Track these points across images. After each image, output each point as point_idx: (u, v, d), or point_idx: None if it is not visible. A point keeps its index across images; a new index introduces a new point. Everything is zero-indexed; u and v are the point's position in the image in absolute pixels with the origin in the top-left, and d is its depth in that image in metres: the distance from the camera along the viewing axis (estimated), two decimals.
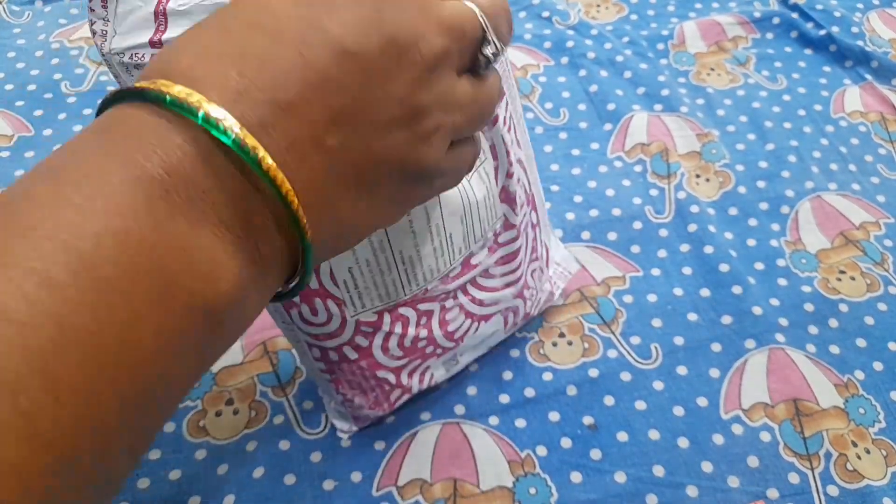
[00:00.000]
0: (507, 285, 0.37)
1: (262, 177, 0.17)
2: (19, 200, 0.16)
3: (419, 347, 0.35)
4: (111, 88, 0.54)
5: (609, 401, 0.40)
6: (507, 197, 0.34)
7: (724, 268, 0.45)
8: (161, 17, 0.25)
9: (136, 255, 0.15)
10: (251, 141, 0.17)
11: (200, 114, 0.16)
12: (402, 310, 0.33)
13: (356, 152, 0.19)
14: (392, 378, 0.36)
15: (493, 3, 0.22)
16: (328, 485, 0.36)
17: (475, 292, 0.36)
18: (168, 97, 0.16)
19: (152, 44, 0.26)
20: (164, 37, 0.25)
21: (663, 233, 0.48)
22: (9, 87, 0.55)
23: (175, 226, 0.16)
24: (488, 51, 0.22)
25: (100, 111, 0.18)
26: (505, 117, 0.32)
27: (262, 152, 0.17)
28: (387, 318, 0.33)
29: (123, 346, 0.15)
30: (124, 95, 0.17)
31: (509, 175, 0.33)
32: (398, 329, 0.34)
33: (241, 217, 0.17)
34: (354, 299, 0.31)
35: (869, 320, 0.43)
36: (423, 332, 0.35)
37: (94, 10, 0.26)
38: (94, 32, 0.26)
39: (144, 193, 0.16)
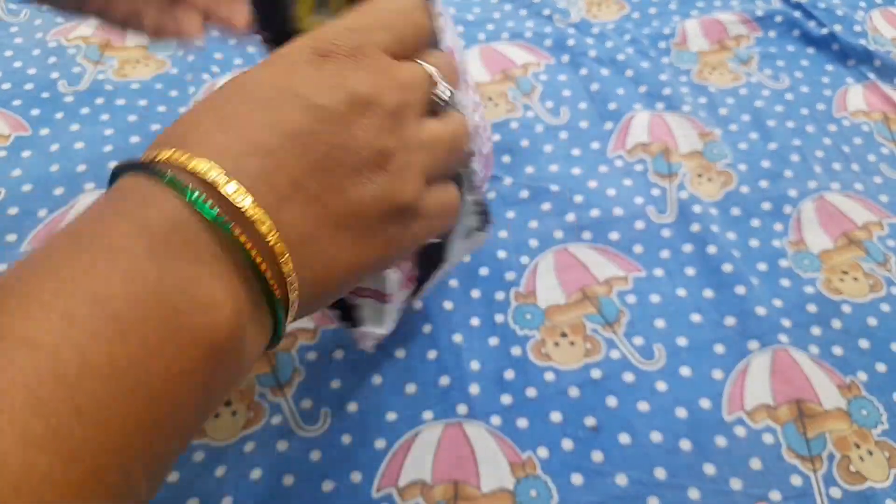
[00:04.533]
0: None
1: (245, 223, 0.20)
2: (48, 253, 0.19)
3: None
4: (114, 96, 0.54)
5: (611, 402, 0.39)
6: None
7: (727, 268, 0.45)
8: None
9: (141, 292, 0.18)
10: (237, 195, 0.20)
11: (188, 188, 0.19)
12: None
13: (333, 196, 0.22)
14: None
15: (438, 63, 0.26)
16: (327, 486, 0.36)
17: None
18: (167, 175, 0.20)
19: None
20: None
21: (666, 233, 0.47)
22: (6, 85, 0.55)
23: (175, 265, 0.19)
24: (439, 90, 0.26)
25: (113, 176, 0.22)
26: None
27: (246, 201, 0.20)
28: None
29: (137, 374, 0.17)
30: (132, 167, 0.21)
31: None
32: None
33: (232, 257, 0.20)
34: None
35: (872, 321, 0.43)
36: None
37: None
38: None
39: (148, 240, 0.19)
